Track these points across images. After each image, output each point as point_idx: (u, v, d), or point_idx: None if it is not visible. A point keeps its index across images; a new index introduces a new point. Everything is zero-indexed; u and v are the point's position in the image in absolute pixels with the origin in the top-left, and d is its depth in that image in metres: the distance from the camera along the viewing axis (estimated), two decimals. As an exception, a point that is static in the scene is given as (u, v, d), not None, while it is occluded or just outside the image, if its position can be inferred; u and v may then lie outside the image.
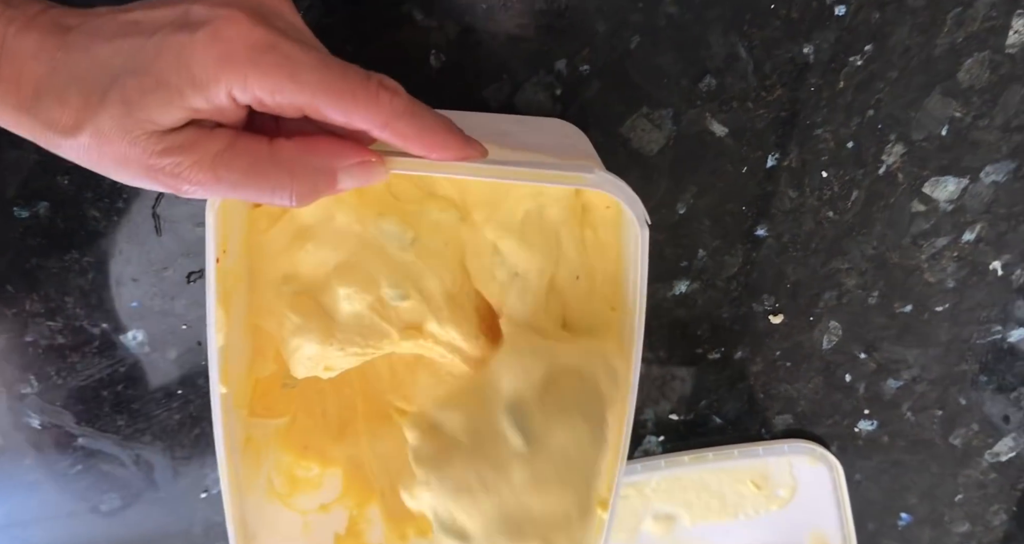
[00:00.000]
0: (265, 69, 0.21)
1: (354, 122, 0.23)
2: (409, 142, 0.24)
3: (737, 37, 0.34)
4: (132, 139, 0.22)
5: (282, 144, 0.23)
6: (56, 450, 0.40)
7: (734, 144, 0.36)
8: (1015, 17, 0.34)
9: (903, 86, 0.35)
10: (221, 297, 0.28)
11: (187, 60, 0.21)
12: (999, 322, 0.42)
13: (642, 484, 0.45)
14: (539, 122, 0.34)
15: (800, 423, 0.44)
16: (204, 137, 0.22)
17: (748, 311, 0.41)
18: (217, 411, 0.29)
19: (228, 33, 0.21)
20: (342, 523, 0.36)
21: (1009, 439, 0.45)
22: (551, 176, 0.26)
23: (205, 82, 0.21)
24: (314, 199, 0.24)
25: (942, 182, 0.38)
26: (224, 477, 0.30)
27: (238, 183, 0.23)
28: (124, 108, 0.21)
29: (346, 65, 0.22)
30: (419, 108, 0.23)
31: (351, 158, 0.24)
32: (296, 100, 0.22)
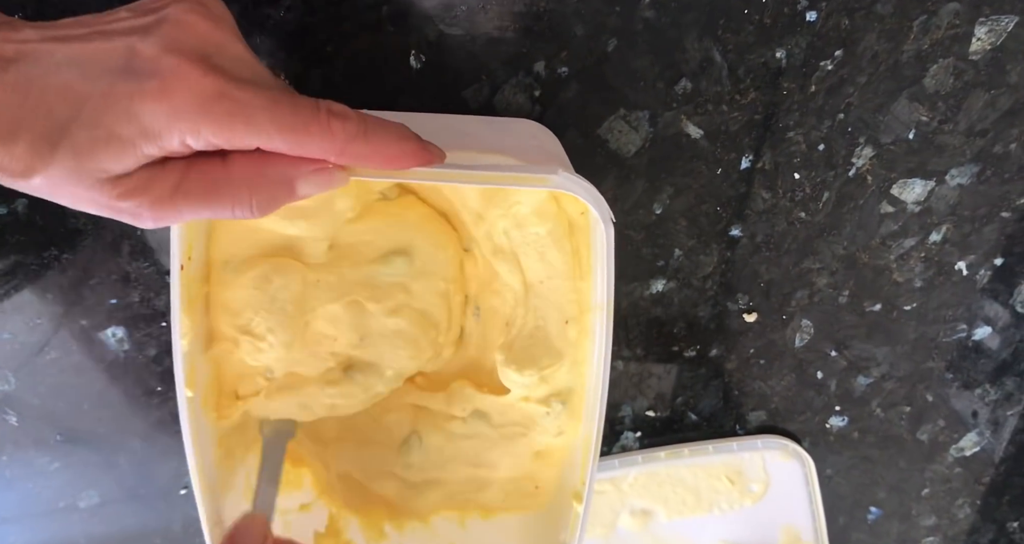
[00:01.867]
0: (218, 119, 0.21)
1: (311, 153, 0.23)
2: (367, 160, 0.24)
3: (712, 41, 0.35)
4: (87, 186, 0.21)
5: (237, 161, 0.23)
6: (34, 447, 0.40)
7: (709, 146, 0.37)
8: (978, 25, 0.35)
9: (872, 91, 0.36)
10: (186, 304, 0.29)
11: (137, 112, 0.21)
12: (964, 321, 0.43)
13: (619, 479, 0.45)
14: (508, 123, 0.35)
15: (773, 419, 0.45)
16: (158, 174, 0.22)
17: (723, 310, 0.42)
18: (184, 415, 0.29)
19: (177, 86, 0.21)
20: (322, 521, 0.36)
21: (974, 434, 0.46)
22: (515, 178, 0.26)
23: (158, 133, 0.21)
24: (275, 208, 0.24)
25: (910, 184, 0.39)
26: (195, 479, 0.30)
27: (198, 208, 0.23)
28: (75, 160, 0.21)
29: (294, 98, 0.23)
30: (371, 126, 0.24)
31: (308, 165, 0.24)
32: (252, 143, 0.22)
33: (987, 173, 0.39)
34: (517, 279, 0.33)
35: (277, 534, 0.30)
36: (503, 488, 0.37)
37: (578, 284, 0.33)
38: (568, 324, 0.33)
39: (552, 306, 0.33)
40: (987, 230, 0.40)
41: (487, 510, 0.37)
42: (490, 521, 0.37)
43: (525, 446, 0.36)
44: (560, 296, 0.33)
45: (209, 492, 0.31)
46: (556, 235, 0.32)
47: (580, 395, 0.33)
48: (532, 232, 0.32)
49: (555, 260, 0.32)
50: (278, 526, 0.35)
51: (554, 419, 0.34)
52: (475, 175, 0.26)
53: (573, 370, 0.33)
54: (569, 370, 0.34)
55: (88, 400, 0.39)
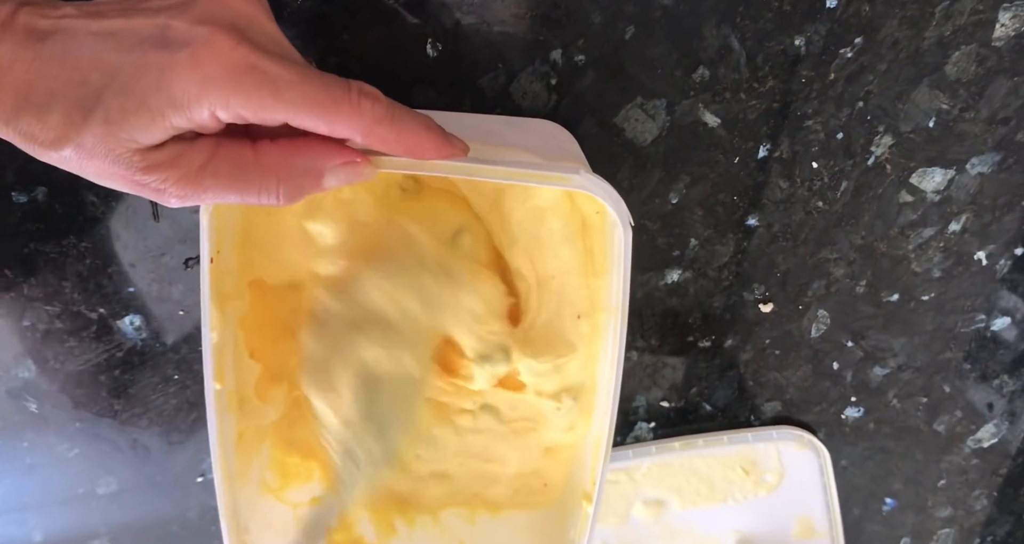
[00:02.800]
0: (247, 90, 0.21)
1: (337, 131, 0.23)
2: (391, 146, 0.24)
3: (730, 29, 0.34)
4: (115, 157, 0.22)
5: (266, 148, 0.23)
6: (53, 434, 0.40)
7: (726, 135, 0.37)
8: (1002, 10, 0.34)
9: (892, 78, 0.36)
10: (215, 297, 0.29)
11: (168, 82, 0.21)
12: (983, 311, 0.43)
13: (633, 470, 0.45)
14: (528, 123, 0.34)
15: (788, 410, 0.45)
16: (187, 151, 0.22)
17: (739, 300, 0.41)
18: (211, 408, 0.29)
19: (208, 55, 0.21)
20: (333, 515, 0.37)
21: (991, 426, 0.46)
22: (536, 176, 0.26)
23: (187, 104, 0.21)
24: (301, 198, 0.24)
25: (929, 173, 0.39)
26: (218, 473, 0.30)
27: (224, 189, 0.23)
28: (106, 128, 0.21)
29: (324, 76, 0.23)
30: (399, 112, 0.24)
31: (336, 158, 0.24)
32: (280, 117, 0.22)
33: (1009, 162, 0.38)
34: (530, 271, 0.33)
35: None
36: (511, 484, 0.37)
37: (590, 281, 0.33)
38: (580, 319, 0.33)
39: (564, 301, 0.33)
40: (1007, 219, 0.40)
41: (495, 506, 0.37)
42: (499, 518, 0.37)
43: (535, 442, 0.36)
44: (572, 292, 0.33)
45: (229, 484, 0.31)
46: (568, 231, 0.32)
47: (591, 392, 0.33)
48: (546, 227, 0.32)
49: (567, 256, 0.32)
50: (289, 519, 0.35)
51: (564, 415, 0.34)
52: (498, 171, 0.26)
53: (585, 366, 0.33)
54: (581, 366, 0.34)
55: (106, 388, 0.40)
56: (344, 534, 0.36)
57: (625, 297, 0.29)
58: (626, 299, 0.29)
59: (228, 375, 0.30)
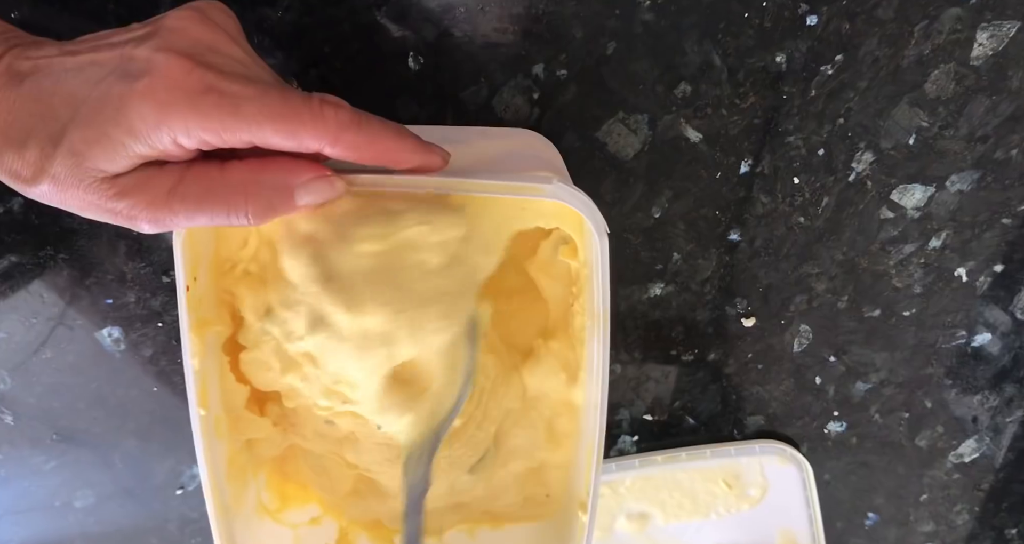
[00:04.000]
0: (206, 111, 0.21)
1: (304, 143, 0.23)
2: (363, 151, 0.24)
3: (712, 45, 0.34)
4: (86, 186, 0.22)
5: (234, 166, 0.23)
6: (30, 446, 0.40)
7: (708, 150, 0.37)
8: (979, 30, 0.35)
9: (872, 96, 0.36)
10: (194, 324, 0.28)
11: (126, 112, 0.21)
12: (964, 327, 0.43)
13: (616, 483, 0.45)
14: (507, 133, 0.34)
15: (771, 424, 0.45)
16: (155, 176, 0.23)
17: (721, 314, 0.41)
18: (198, 433, 0.29)
19: (164, 82, 0.21)
20: (332, 535, 0.36)
21: (972, 441, 0.46)
22: (509, 187, 0.26)
23: (146, 132, 0.21)
24: (271, 217, 0.24)
25: (909, 190, 0.39)
26: (209, 498, 0.30)
27: (193, 211, 0.23)
28: (74, 159, 0.22)
29: (285, 90, 0.23)
30: (366, 118, 0.24)
31: (307, 174, 0.24)
32: (244, 135, 0.22)
33: (988, 179, 0.39)
34: None
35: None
36: (520, 491, 0.37)
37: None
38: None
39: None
40: (987, 236, 0.40)
41: (499, 520, 0.37)
42: (500, 532, 0.37)
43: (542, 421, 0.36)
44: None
45: (222, 510, 0.30)
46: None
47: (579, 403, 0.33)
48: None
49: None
50: (288, 540, 0.35)
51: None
52: (471, 184, 0.26)
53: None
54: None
55: (84, 400, 0.39)
56: None
57: (606, 305, 0.29)
58: (607, 307, 0.29)
59: (213, 399, 0.30)
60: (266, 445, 0.33)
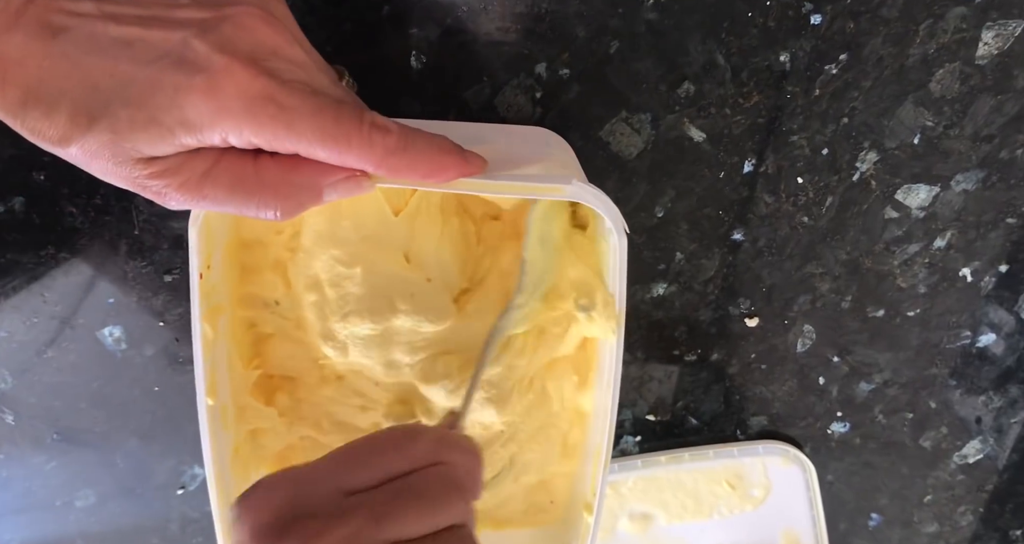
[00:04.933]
0: (261, 121, 0.21)
1: (348, 162, 0.23)
2: (404, 174, 0.24)
3: (715, 44, 0.34)
4: (120, 162, 0.22)
5: (266, 163, 0.23)
6: (31, 445, 0.40)
7: (712, 149, 0.37)
8: (985, 29, 0.34)
9: (877, 95, 0.36)
10: (206, 313, 0.28)
11: (182, 103, 0.21)
12: (968, 327, 0.43)
13: (619, 483, 0.45)
14: (521, 131, 0.34)
15: (774, 425, 0.45)
16: (189, 159, 0.23)
17: (724, 314, 0.41)
18: (204, 423, 0.29)
19: (226, 84, 0.21)
20: None
21: (977, 442, 0.46)
22: (530, 188, 0.26)
23: (199, 128, 0.21)
24: (300, 213, 0.24)
25: (914, 190, 0.39)
26: (213, 488, 0.30)
27: (224, 199, 0.23)
28: (112, 136, 0.21)
29: (340, 106, 0.23)
30: (412, 140, 0.24)
31: (336, 174, 0.24)
32: (292, 148, 0.22)
33: (993, 179, 0.38)
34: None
35: None
36: (525, 499, 0.37)
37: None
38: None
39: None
40: (992, 236, 0.40)
41: (500, 524, 0.37)
42: (502, 532, 0.37)
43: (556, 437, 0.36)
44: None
45: (225, 498, 0.30)
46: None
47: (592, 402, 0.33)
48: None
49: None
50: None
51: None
52: (491, 185, 0.26)
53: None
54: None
55: (85, 399, 0.39)
56: None
57: (622, 303, 0.29)
58: (623, 305, 0.29)
59: (221, 389, 0.30)
60: (271, 436, 0.33)
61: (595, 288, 0.30)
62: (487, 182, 0.26)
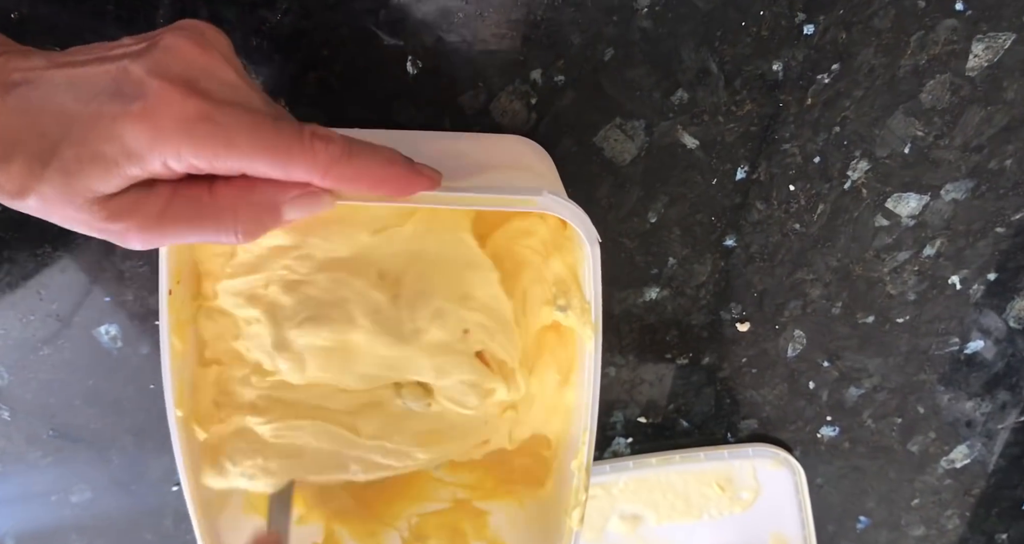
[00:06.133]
0: (199, 140, 0.22)
1: (294, 175, 0.23)
2: (353, 184, 0.24)
3: (708, 52, 0.35)
4: (76, 207, 0.22)
5: (221, 188, 0.24)
6: (26, 442, 0.40)
7: (704, 156, 0.37)
8: (975, 41, 0.35)
9: (868, 105, 0.36)
10: (175, 326, 0.29)
11: (120, 133, 0.21)
12: (957, 334, 0.43)
13: (610, 484, 0.45)
14: (499, 140, 0.35)
15: (764, 428, 0.45)
16: (144, 198, 0.23)
17: (716, 319, 0.42)
18: (175, 433, 0.29)
19: (160, 107, 0.21)
20: (319, 534, 0.36)
21: (964, 446, 0.46)
22: (500, 200, 0.26)
23: (140, 154, 0.21)
24: (261, 234, 0.24)
25: (904, 198, 0.39)
26: (188, 494, 0.30)
27: (183, 231, 0.23)
28: (64, 178, 0.21)
29: (277, 120, 0.23)
30: (357, 149, 0.24)
31: (292, 191, 0.24)
32: (234, 165, 0.22)
33: (982, 188, 0.39)
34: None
35: None
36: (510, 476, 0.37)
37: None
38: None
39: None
40: (981, 245, 0.40)
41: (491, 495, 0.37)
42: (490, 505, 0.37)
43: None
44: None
45: (204, 507, 0.31)
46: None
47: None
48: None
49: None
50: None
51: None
52: (461, 197, 0.26)
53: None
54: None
55: (81, 396, 0.40)
56: None
57: (598, 314, 0.29)
58: (599, 313, 0.29)
59: (189, 399, 0.31)
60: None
61: (572, 289, 0.31)
62: (455, 195, 0.26)
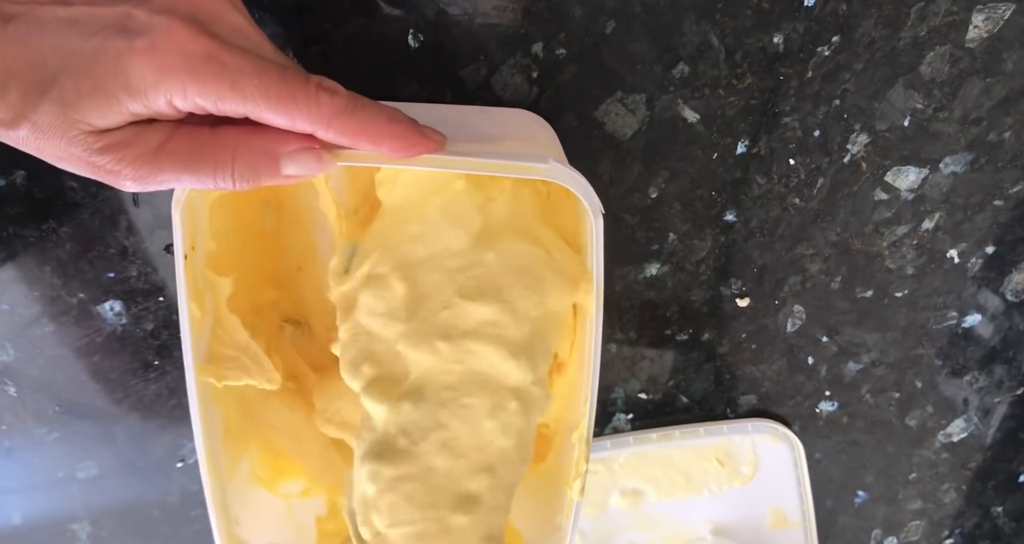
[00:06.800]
0: (204, 79, 0.21)
1: (297, 124, 0.23)
2: (356, 137, 0.24)
3: (710, 25, 0.35)
4: (70, 138, 0.22)
5: (225, 128, 0.24)
6: (32, 417, 0.41)
7: (705, 130, 0.37)
8: (975, 12, 0.35)
9: (868, 77, 0.36)
10: (192, 293, 0.29)
11: (124, 68, 0.21)
12: (955, 308, 0.43)
13: (611, 460, 0.46)
14: (504, 113, 0.35)
15: (764, 403, 0.46)
16: (143, 132, 0.23)
17: (716, 294, 0.42)
18: (195, 403, 0.29)
19: (167, 44, 0.21)
20: (323, 506, 0.37)
21: (961, 421, 0.47)
22: (506, 166, 0.26)
23: (143, 90, 0.21)
24: (256, 184, 0.24)
25: (904, 172, 0.39)
26: (204, 465, 0.30)
27: (180, 170, 0.23)
28: (61, 108, 0.21)
29: (285, 68, 0.23)
30: (362, 104, 0.24)
31: (294, 143, 0.24)
32: (238, 108, 0.22)
33: (981, 161, 0.39)
34: None
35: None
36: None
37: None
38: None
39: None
40: (979, 218, 0.41)
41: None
42: None
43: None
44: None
45: (216, 475, 0.31)
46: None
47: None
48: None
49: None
50: (281, 510, 0.36)
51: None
52: (465, 161, 0.26)
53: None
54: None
55: (86, 373, 0.40)
56: (334, 522, 0.37)
57: (600, 285, 0.30)
58: (600, 283, 0.29)
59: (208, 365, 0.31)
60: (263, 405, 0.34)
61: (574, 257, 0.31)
62: (462, 159, 0.26)
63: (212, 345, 0.32)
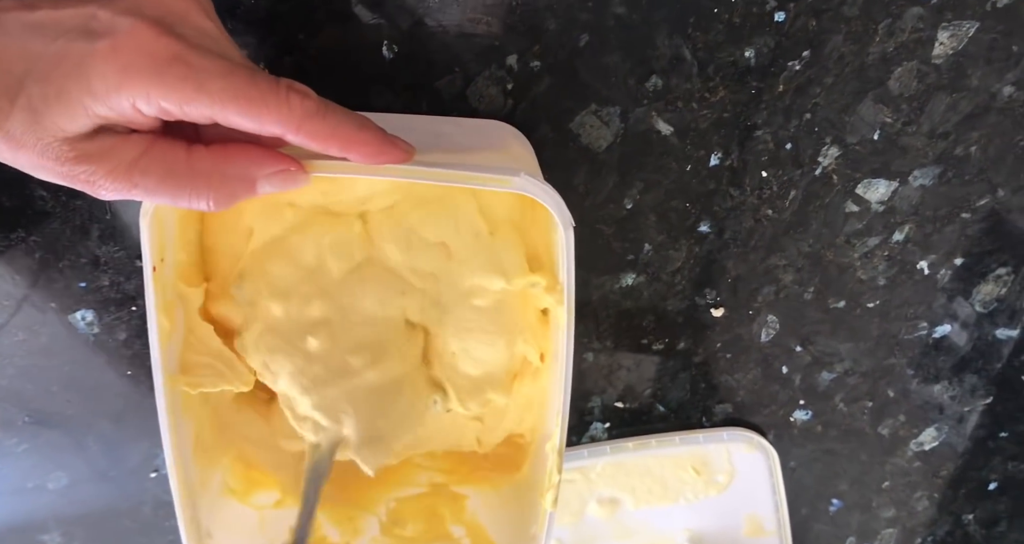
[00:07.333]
0: (169, 82, 0.21)
1: (266, 127, 0.23)
2: (325, 142, 0.24)
3: (682, 39, 0.35)
4: (44, 146, 0.21)
5: (199, 152, 0.23)
6: (1, 428, 0.40)
7: (679, 143, 0.38)
8: (940, 30, 0.36)
9: (838, 91, 0.37)
10: (161, 305, 0.29)
11: (86, 70, 0.21)
12: (926, 318, 0.44)
13: (588, 469, 0.46)
14: (478, 124, 0.35)
15: (739, 412, 0.46)
16: (118, 144, 0.22)
17: (691, 304, 0.42)
18: (164, 416, 0.29)
19: (129, 45, 0.21)
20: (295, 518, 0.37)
21: (932, 429, 0.47)
22: (475, 178, 0.26)
23: (105, 93, 0.21)
24: (232, 204, 0.24)
25: (874, 184, 0.40)
26: (174, 477, 0.30)
27: (154, 188, 0.23)
28: (32, 115, 0.21)
29: (253, 71, 0.22)
30: (332, 108, 0.24)
31: (270, 166, 0.24)
32: (206, 111, 0.22)
33: (948, 175, 0.40)
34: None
35: None
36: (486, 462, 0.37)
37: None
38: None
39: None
40: (948, 230, 0.41)
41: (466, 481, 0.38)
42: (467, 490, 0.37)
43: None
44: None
45: (187, 489, 0.31)
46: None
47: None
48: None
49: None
50: (254, 522, 0.35)
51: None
52: (437, 173, 0.26)
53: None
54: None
55: (57, 382, 0.39)
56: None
57: (571, 297, 0.30)
58: (571, 295, 0.30)
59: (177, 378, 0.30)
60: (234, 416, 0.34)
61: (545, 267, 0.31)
62: (431, 170, 0.26)
63: (185, 354, 0.31)
